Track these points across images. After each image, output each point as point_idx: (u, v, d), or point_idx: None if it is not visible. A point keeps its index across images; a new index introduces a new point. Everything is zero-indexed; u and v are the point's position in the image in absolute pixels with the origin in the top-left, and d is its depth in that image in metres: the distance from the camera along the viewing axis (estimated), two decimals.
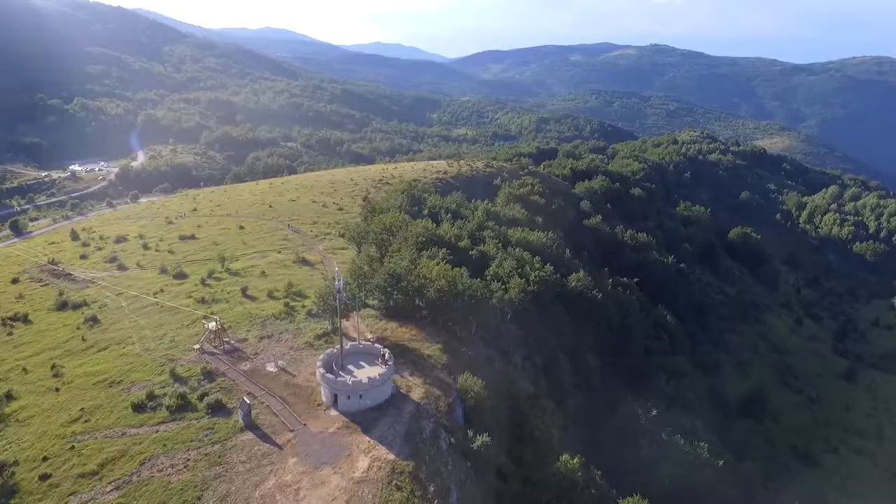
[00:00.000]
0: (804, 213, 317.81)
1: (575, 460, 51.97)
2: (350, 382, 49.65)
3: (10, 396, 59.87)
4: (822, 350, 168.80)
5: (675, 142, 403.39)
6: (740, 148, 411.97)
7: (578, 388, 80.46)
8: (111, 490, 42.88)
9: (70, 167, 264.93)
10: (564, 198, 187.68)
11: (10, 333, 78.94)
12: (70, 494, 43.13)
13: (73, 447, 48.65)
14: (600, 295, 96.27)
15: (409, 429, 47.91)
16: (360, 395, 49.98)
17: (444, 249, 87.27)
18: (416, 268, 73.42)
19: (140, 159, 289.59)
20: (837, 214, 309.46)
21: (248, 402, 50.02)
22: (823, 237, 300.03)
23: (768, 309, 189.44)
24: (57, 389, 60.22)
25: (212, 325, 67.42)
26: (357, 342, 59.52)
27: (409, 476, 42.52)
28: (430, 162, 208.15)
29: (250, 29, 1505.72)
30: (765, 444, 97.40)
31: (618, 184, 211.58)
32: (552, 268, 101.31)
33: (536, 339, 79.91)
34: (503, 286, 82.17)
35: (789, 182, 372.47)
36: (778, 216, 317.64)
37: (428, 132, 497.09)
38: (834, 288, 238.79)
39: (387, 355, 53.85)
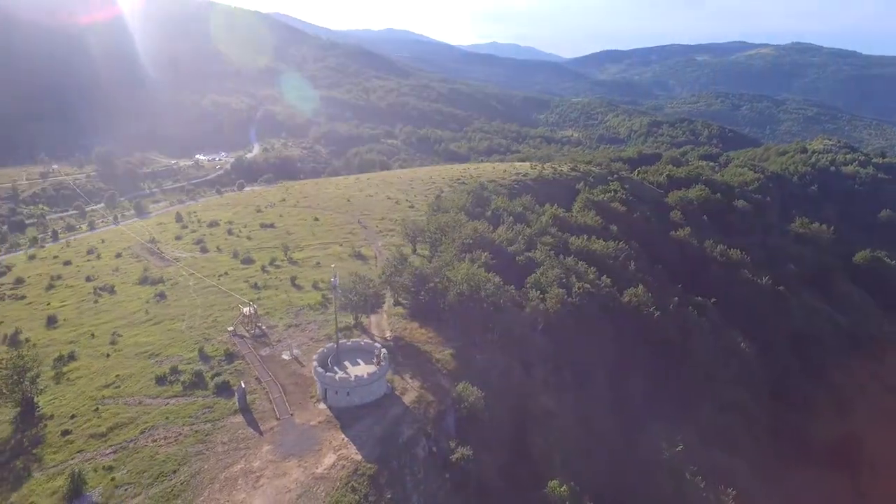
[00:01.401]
0: None
1: (564, 487, 48.53)
2: (337, 378, 50.25)
3: (71, 357, 67.63)
4: None
5: (804, 150, 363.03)
6: (885, 159, 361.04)
7: (615, 411, 75.13)
8: (109, 453, 46.95)
9: (196, 156, 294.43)
10: (652, 207, 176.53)
11: (97, 301, 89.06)
12: (78, 451, 47.82)
13: (97, 409, 53.91)
14: (657, 313, 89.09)
15: (386, 431, 47.52)
16: (348, 392, 50.38)
17: (486, 253, 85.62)
18: (448, 269, 72.78)
19: (255, 151, 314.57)
20: None
21: (243, 387, 52.40)
22: None
23: (892, 345, 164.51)
24: (108, 356, 67.03)
25: (247, 310, 71.61)
26: (358, 339, 60.07)
27: (369, 479, 42.16)
28: (514, 163, 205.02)
29: (373, 30, 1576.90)
30: (834, 498, 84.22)
31: (719, 194, 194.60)
32: (610, 280, 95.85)
33: (571, 353, 75.68)
34: (542, 295, 79.07)
35: None
36: None
37: (531, 133, 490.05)
38: None
39: (382, 355, 53.76)
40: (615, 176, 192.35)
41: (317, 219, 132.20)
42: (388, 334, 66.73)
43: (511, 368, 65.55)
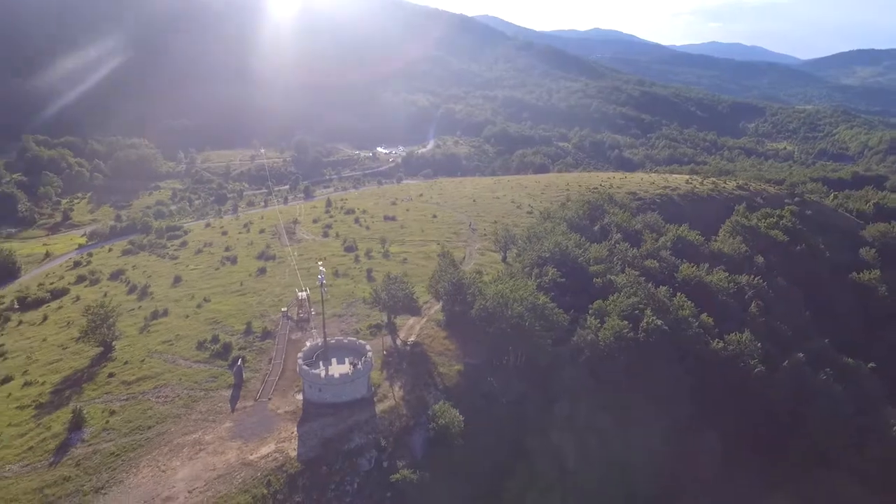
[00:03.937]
0: None
1: None
2: (310, 374, 51.17)
3: (165, 313, 79.33)
4: None
5: None
6: None
7: (671, 472, 64.01)
8: (123, 399, 54.29)
9: (377, 148, 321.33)
10: (840, 240, 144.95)
11: (218, 269, 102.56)
12: (106, 393, 56.18)
13: (143, 360, 62.61)
14: (758, 367, 73.05)
15: (336, 434, 47.14)
16: (319, 389, 51.04)
17: (553, 269, 79.22)
18: (481, 282, 69.23)
19: (428, 147, 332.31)
20: None
21: (240, 364, 56.23)
22: None
23: None
24: (187, 316, 77.19)
25: (301, 294, 76.68)
26: (348, 339, 60.16)
27: (287, 478, 42.32)
28: (667, 175, 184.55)
29: (579, 30, 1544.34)
30: None
31: None
32: (712, 320, 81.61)
33: (623, 395, 66.26)
34: (599, 324, 70.59)
35: None
36: None
37: (729, 143, 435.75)
38: None
39: (363, 358, 53.26)
40: (797, 198, 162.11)
41: (435, 216, 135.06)
42: (412, 339, 65.88)
43: (526, 398, 59.87)
